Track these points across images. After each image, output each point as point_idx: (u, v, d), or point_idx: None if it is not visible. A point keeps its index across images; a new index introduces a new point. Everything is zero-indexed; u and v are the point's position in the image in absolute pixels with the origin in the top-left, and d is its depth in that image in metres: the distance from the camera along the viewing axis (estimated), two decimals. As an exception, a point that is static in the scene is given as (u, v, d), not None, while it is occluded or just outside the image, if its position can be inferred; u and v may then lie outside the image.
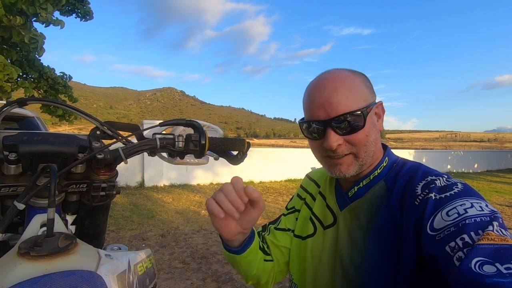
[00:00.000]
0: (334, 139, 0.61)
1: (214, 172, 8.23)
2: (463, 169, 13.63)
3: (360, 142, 0.62)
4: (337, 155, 0.63)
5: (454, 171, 13.24)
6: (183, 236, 3.99)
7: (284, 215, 0.87)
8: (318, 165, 0.90)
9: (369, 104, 0.63)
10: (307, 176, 0.90)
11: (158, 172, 7.39)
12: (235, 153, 0.76)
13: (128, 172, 7.06)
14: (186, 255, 3.39)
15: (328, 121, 0.61)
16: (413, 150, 13.36)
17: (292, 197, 0.91)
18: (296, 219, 0.84)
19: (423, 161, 12.75)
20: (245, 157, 0.76)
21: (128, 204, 5.50)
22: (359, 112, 0.61)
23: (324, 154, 0.65)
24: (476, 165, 14.18)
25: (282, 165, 9.30)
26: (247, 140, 0.76)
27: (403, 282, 0.55)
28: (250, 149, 0.79)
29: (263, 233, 0.86)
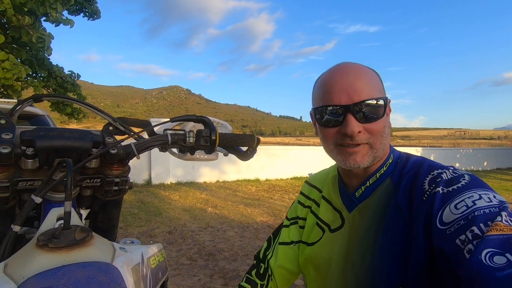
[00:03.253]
0: (356, 125, 0.59)
1: (220, 170, 8.26)
2: (472, 167, 13.43)
3: (378, 132, 0.61)
4: (354, 143, 0.61)
5: (463, 169, 12.99)
6: (190, 233, 4.02)
7: (286, 226, 0.85)
8: (319, 168, 0.88)
9: (386, 96, 0.63)
10: (307, 182, 0.88)
11: (165, 169, 7.45)
12: (244, 149, 0.77)
13: (135, 169, 7.14)
14: (193, 252, 3.42)
15: (350, 106, 0.59)
16: (420, 148, 13.21)
17: (292, 205, 0.88)
18: (300, 227, 0.82)
19: (431, 158, 12.57)
20: (255, 153, 0.77)
21: (135, 202, 5.56)
22: (381, 101, 0.61)
23: (340, 142, 0.62)
24: (485, 163, 13.95)
25: (288, 163, 9.30)
26: (257, 136, 0.76)
27: (414, 279, 0.55)
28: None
29: (267, 254, 0.84)
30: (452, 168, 0.60)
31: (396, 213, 0.61)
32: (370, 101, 0.60)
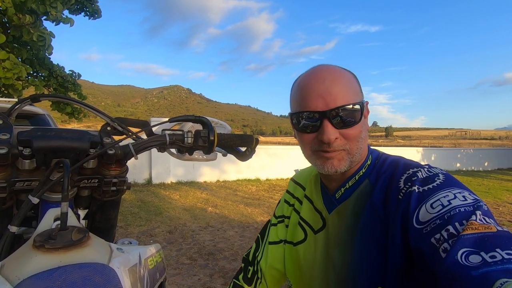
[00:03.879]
0: (332, 132, 0.59)
1: (220, 170, 8.26)
2: (473, 167, 13.40)
3: (354, 138, 0.61)
4: (331, 150, 0.61)
5: (464, 169, 13.03)
6: (190, 233, 4.02)
7: (274, 224, 0.84)
8: (303, 166, 0.87)
9: (362, 101, 0.63)
10: (292, 180, 0.87)
11: (165, 169, 7.46)
12: (243, 149, 0.76)
13: (135, 169, 7.14)
14: (193, 251, 3.42)
15: (327, 112, 0.59)
16: (421, 148, 13.19)
17: (279, 203, 0.88)
18: (286, 226, 0.82)
19: (432, 159, 12.58)
20: (254, 153, 0.77)
21: (136, 201, 5.56)
22: (358, 106, 0.60)
23: (317, 148, 0.62)
24: (486, 163, 13.92)
25: (288, 162, 9.29)
26: (255, 136, 0.76)
27: (393, 278, 0.55)
28: (257, 146, 0.79)
29: (257, 255, 0.82)
30: (427, 167, 0.60)
31: (372, 213, 0.61)
32: (346, 107, 0.59)
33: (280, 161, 9.19)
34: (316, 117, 0.60)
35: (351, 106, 0.59)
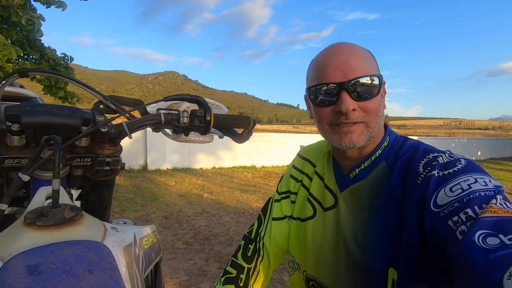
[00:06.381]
0: (350, 102, 0.58)
1: (216, 156, 8.26)
2: (466, 157, 13.56)
3: (373, 111, 0.60)
4: (349, 122, 0.60)
5: (457, 158, 13.20)
6: (186, 218, 4.05)
7: (278, 200, 0.83)
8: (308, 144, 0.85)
9: (381, 74, 0.62)
10: (299, 155, 0.85)
11: (161, 155, 7.43)
12: (240, 131, 0.75)
13: (131, 155, 7.11)
14: (189, 236, 3.45)
15: (345, 83, 0.58)
16: (416, 137, 13.29)
17: (282, 178, 0.86)
18: (292, 202, 0.81)
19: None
20: (251, 135, 0.75)
21: (131, 187, 5.56)
22: (376, 79, 0.59)
23: (335, 121, 0.61)
24: (479, 153, 14.12)
25: (284, 150, 9.32)
26: (253, 118, 0.74)
27: (405, 261, 0.55)
28: (253, 134, 0.77)
29: (260, 231, 0.81)
30: (448, 152, 0.59)
31: (389, 194, 0.60)
32: (365, 79, 0.58)
33: (276, 149, 9.21)
34: (334, 88, 0.59)
35: (369, 78, 0.59)
